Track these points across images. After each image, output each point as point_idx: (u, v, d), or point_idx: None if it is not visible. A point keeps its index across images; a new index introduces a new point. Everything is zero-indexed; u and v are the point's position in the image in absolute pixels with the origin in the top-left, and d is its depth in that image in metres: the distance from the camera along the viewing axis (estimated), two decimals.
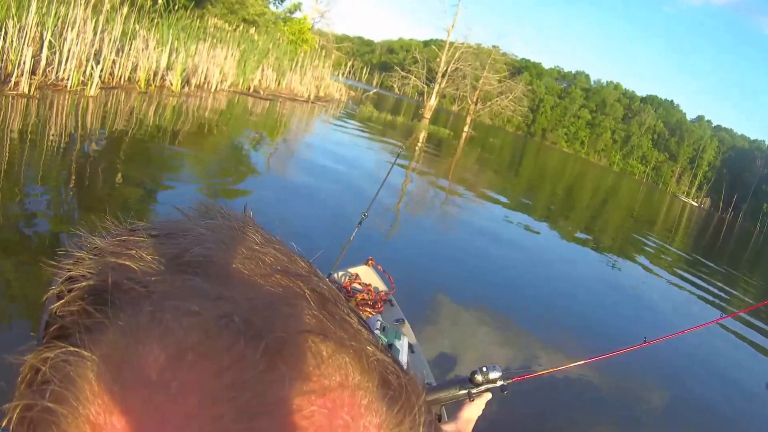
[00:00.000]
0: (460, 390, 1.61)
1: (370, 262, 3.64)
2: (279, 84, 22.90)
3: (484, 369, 1.62)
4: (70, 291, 0.31)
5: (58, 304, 0.31)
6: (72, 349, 0.28)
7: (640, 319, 7.54)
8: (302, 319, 0.29)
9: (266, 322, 0.28)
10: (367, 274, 3.52)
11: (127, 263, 0.31)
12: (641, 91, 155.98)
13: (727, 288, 13.27)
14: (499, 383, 1.63)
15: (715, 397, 5.76)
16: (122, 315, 0.28)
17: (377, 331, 2.48)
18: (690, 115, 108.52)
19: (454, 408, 1.63)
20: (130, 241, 0.33)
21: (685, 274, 12.23)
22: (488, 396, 1.63)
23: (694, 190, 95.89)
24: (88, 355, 0.27)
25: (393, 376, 0.32)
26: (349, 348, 0.30)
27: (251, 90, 19.53)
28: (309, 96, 24.93)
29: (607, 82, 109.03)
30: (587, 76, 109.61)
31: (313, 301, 0.31)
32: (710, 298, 10.41)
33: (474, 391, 1.60)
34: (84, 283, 0.31)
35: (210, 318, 0.27)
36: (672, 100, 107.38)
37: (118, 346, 0.27)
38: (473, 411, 1.59)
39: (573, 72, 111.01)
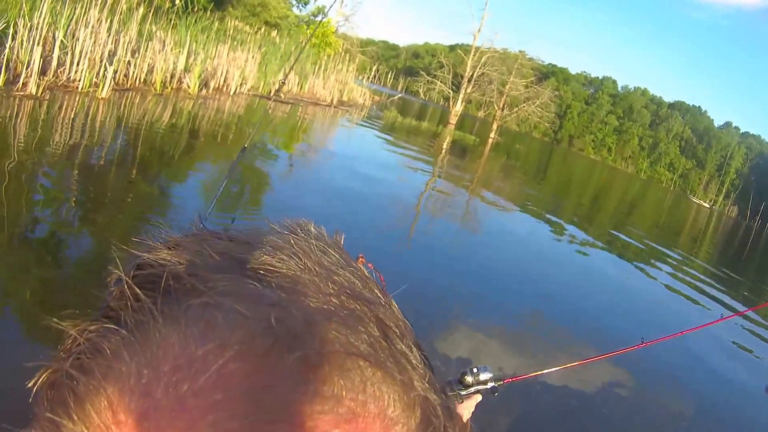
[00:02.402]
0: (448, 392, 1.55)
1: (360, 259, 3.28)
2: (301, 88, 22.60)
3: (475, 370, 1.57)
4: (134, 276, 0.32)
5: (118, 287, 0.32)
6: (112, 326, 0.29)
7: (643, 322, 7.25)
8: (353, 342, 0.29)
9: (313, 337, 0.28)
10: None
11: (194, 259, 0.32)
12: (668, 97, 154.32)
13: (747, 296, 12.92)
14: (490, 385, 1.58)
15: (714, 400, 5.69)
16: (174, 304, 0.29)
17: None
18: (718, 122, 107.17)
19: None
20: (207, 240, 0.34)
21: (701, 285, 11.65)
22: (478, 398, 1.57)
23: (721, 198, 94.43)
24: (126, 335, 0.28)
25: (437, 418, 0.31)
26: (395, 380, 0.30)
27: (272, 93, 19.17)
28: (332, 100, 24.60)
29: (634, 87, 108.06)
30: (614, 82, 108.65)
31: (374, 327, 0.31)
32: (719, 306, 9.89)
33: (463, 392, 1.55)
34: (147, 271, 0.32)
35: (257, 322, 0.28)
36: (699, 107, 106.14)
37: (161, 332, 0.28)
38: (462, 413, 1.51)
39: (600, 77, 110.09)
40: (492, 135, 43.82)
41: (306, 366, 0.27)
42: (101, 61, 9.80)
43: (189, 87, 13.38)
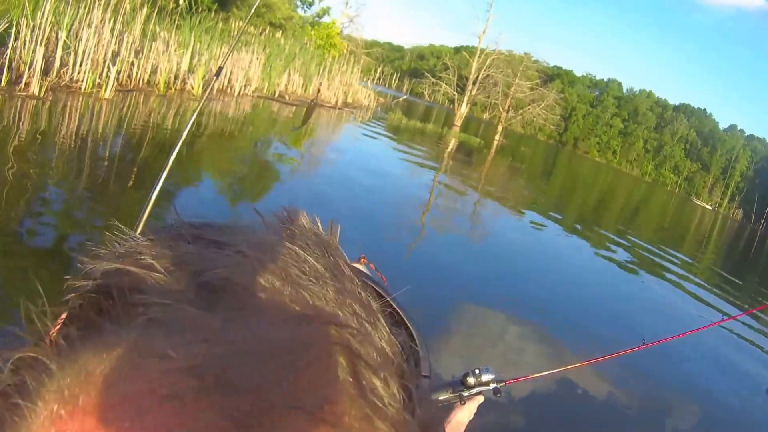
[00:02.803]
0: (450, 393, 1.54)
1: (362, 260, 3.26)
2: (305, 89, 22.56)
3: (477, 371, 1.55)
4: (88, 287, 0.29)
5: (69, 297, 0.30)
6: (38, 356, 0.26)
7: (644, 323, 7.19)
8: (299, 391, 0.25)
9: (251, 384, 0.24)
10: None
11: (141, 272, 0.28)
12: (673, 100, 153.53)
13: (748, 298, 12.89)
14: (492, 386, 1.57)
15: (715, 401, 5.69)
16: (106, 332, 0.27)
17: None
18: (722, 124, 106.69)
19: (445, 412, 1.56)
20: (165, 242, 0.31)
21: (704, 287, 11.68)
22: (480, 399, 1.55)
23: (726, 201, 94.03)
24: (52, 368, 0.26)
25: None
26: None
27: (276, 95, 19.19)
28: (336, 102, 24.57)
29: (639, 90, 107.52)
30: (619, 84, 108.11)
31: (339, 361, 0.27)
32: (721, 308, 9.86)
33: (465, 393, 1.53)
34: (90, 284, 0.29)
35: (184, 364, 0.24)
36: (704, 109, 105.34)
37: (84, 367, 0.25)
38: (464, 415, 1.50)
39: (605, 80, 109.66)
40: (497, 137, 43.69)
41: (234, 423, 0.23)
42: (104, 62, 9.78)
43: (192, 88, 13.36)
